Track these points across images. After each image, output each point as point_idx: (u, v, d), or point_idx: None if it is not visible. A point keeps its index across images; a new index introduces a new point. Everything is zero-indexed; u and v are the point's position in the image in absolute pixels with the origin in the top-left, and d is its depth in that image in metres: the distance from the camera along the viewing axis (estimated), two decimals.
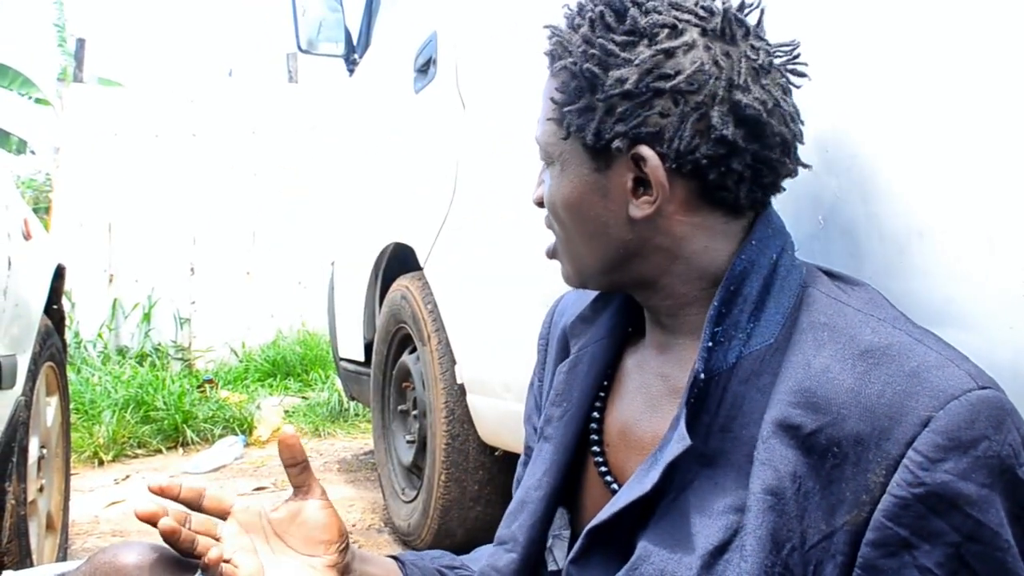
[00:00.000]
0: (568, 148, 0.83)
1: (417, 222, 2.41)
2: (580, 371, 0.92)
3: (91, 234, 6.65)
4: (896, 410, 0.70)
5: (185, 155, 6.91)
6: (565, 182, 0.84)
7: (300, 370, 6.14)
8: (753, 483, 0.73)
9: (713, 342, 0.78)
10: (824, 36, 0.96)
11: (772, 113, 0.79)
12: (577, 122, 0.81)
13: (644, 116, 0.78)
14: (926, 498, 0.68)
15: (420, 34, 2.40)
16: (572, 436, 0.90)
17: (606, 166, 0.81)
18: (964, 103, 0.81)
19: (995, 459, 0.68)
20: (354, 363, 3.20)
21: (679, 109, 0.77)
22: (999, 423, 0.69)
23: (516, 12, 1.83)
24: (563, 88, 0.82)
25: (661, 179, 0.79)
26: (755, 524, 0.72)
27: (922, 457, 0.68)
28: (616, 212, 0.82)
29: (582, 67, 0.79)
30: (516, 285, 1.79)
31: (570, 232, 0.87)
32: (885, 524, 0.69)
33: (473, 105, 2.05)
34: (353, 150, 3.18)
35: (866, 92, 0.91)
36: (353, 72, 3.20)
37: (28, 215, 2.35)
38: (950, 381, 0.69)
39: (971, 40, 0.81)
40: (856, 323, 0.75)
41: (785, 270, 0.80)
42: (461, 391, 2.22)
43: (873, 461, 0.70)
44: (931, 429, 0.68)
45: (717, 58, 0.77)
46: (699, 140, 0.78)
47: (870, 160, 0.91)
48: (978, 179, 0.80)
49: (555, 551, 0.93)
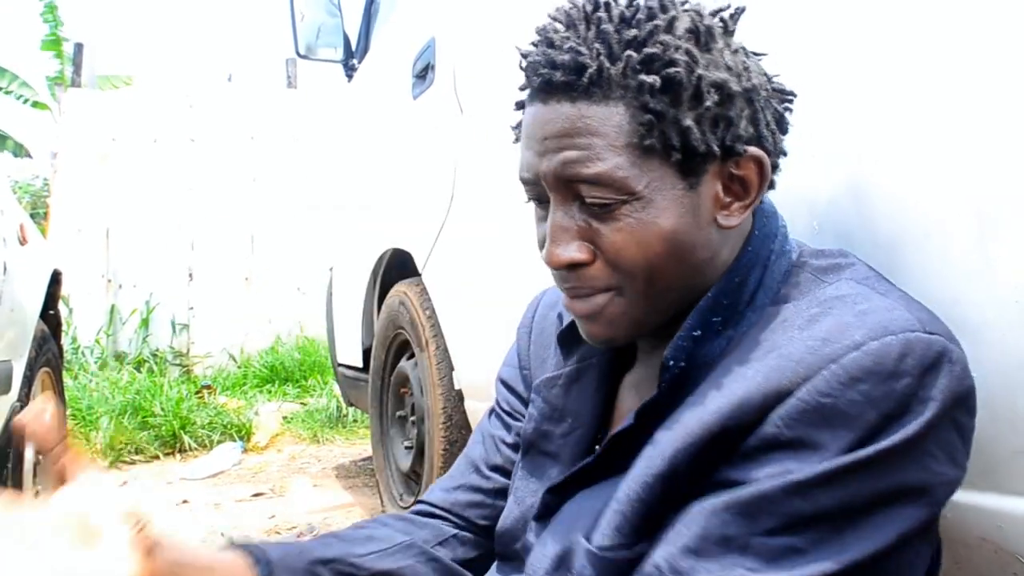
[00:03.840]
0: (655, 174, 0.74)
1: (415, 228, 2.40)
2: (586, 387, 0.91)
3: (89, 239, 6.65)
4: (832, 335, 0.69)
5: (184, 160, 6.91)
6: (657, 214, 0.74)
7: (298, 376, 6.13)
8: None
9: (704, 332, 0.77)
10: (812, 37, 0.96)
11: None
12: (680, 138, 0.73)
13: (741, 116, 0.75)
14: (828, 409, 0.66)
15: (418, 40, 2.40)
16: (579, 454, 0.89)
17: (698, 181, 0.75)
18: (956, 105, 0.81)
19: (911, 397, 0.66)
20: (352, 369, 3.19)
21: (757, 105, 0.76)
22: (931, 365, 0.67)
23: (514, 18, 1.83)
24: (645, 106, 0.72)
25: (762, 179, 0.77)
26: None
27: (844, 372, 0.67)
28: (705, 230, 0.76)
29: (681, 75, 0.72)
30: (514, 291, 1.78)
31: (650, 274, 0.76)
32: (776, 423, 0.68)
33: (471, 111, 2.05)
34: (352, 156, 3.18)
35: (858, 95, 0.91)
36: (352, 77, 3.20)
37: (25, 220, 2.34)
38: (895, 321, 0.69)
39: (964, 41, 0.81)
40: (827, 285, 0.76)
41: (776, 255, 0.80)
42: (459, 397, 2.21)
43: (793, 372, 0.69)
44: (862, 351, 0.67)
45: (738, 51, 0.78)
46: (775, 134, 0.79)
47: (863, 164, 0.90)
48: (971, 181, 0.80)
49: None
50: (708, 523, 0.69)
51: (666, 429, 0.74)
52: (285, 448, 4.56)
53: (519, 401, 1.02)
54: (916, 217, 0.85)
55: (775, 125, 0.79)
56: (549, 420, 0.92)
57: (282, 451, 4.51)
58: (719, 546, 0.68)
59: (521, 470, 0.94)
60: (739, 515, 0.68)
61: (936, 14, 0.84)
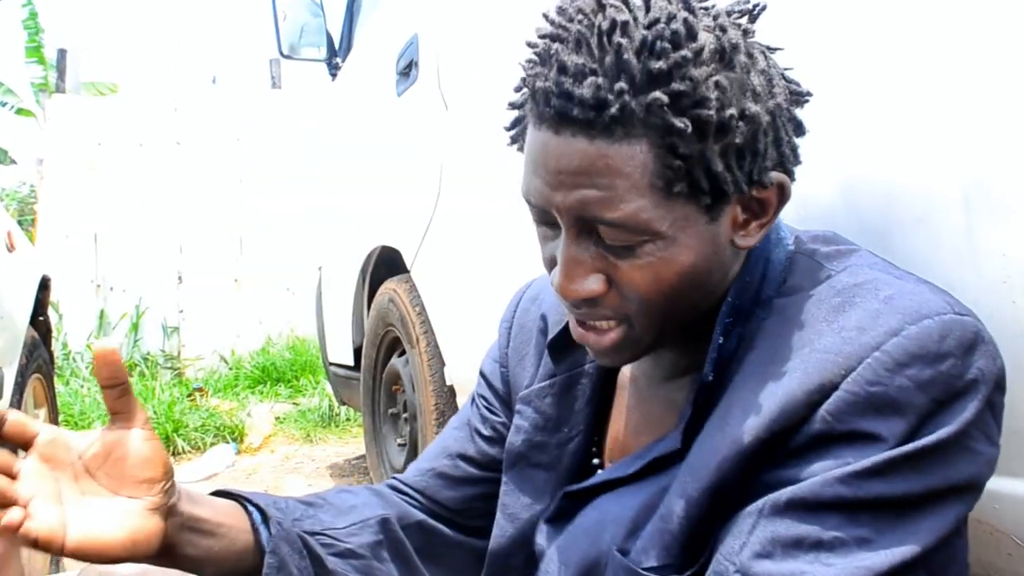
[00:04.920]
0: (679, 213, 0.70)
1: (403, 225, 2.40)
2: (580, 394, 0.90)
3: (77, 245, 6.61)
4: (866, 323, 0.68)
5: (170, 163, 6.88)
6: (679, 252, 0.71)
7: (290, 376, 6.12)
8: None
9: (724, 337, 0.76)
10: (799, 27, 0.96)
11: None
12: (708, 176, 0.69)
13: (768, 142, 0.72)
14: (879, 398, 0.66)
15: (401, 37, 2.39)
16: (576, 465, 0.89)
17: (720, 213, 0.72)
18: (941, 95, 0.82)
19: (958, 379, 0.66)
20: (344, 368, 3.19)
21: (779, 123, 0.73)
22: (971, 346, 0.67)
23: (497, 13, 1.83)
24: (671, 146, 0.67)
25: (782, 199, 0.74)
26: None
27: (889, 359, 0.66)
28: (721, 254, 0.75)
29: (712, 115, 0.67)
30: (503, 286, 1.78)
31: (666, 306, 0.74)
32: (825, 419, 0.67)
33: (456, 106, 2.05)
34: (337, 154, 3.17)
35: (844, 83, 0.91)
36: (336, 76, 3.19)
37: (12, 227, 2.34)
38: (926, 304, 0.68)
39: (952, 31, 0.81)
40: (835, 273, 0.75)
41: (774, 245, 0.79)
42: (451, 393, 2.21)
43: (832, 364, 0.68)
44: (903, 336, 0.66)
45: (755, 57, 0.73)
46: (794, 146, 0.76)
47: (848, 153, 0.91)
48: (956, 170, 0.80)
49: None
50: (773, 524, 0.67)
51: (706, 441, 0.73)
52: (278, 449, 4.56)
53: (495, 397, 1.02)
54: (905, 204, 0.85)
55: (794, 135, 0.76)
56: (543, 431, 0.91)
57: (275, 452, 4.50)
58: (792, 547, 0.66)
59: (508, 485, 0.92)
60: (805, 512, 0.66)
61: (922, 4, 0.85)
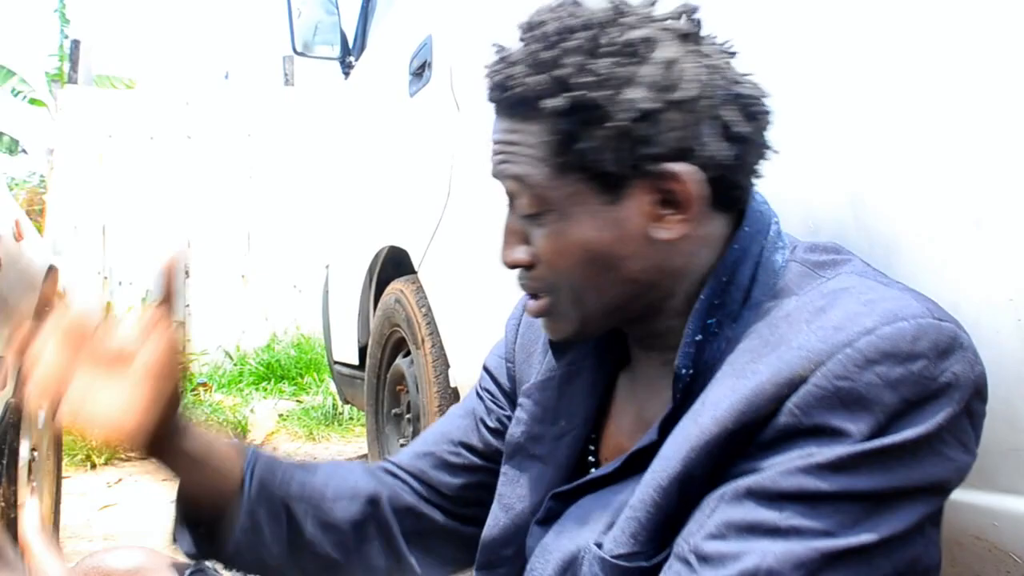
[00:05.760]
0: (571, 189, 0.77)
1: (412, 225, 2.40)
2: (578, 389, 0.91)
3: (85, 236, 6.63)
4: (843, 323, 0.69)
5: (180, 158, 6.90)
6: (574, 227, 0.78)
7: (295, 374, 6.13)
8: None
9: (704, 335, 0.77)
10: (804, 37, 0.96)
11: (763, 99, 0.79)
12: (590, 157, 0.76)
13: (664, 132, 0.75)
14: (846, 393, 0.66)
15: (415, 37, 2.39)
16: (572, 457, 0.90)
17: (619, 196, 0.77)
18: (949, 106, 0.81)
19: (931, 381, 0.66)
20: (348, 366, 3.19)
21: (694, 117, 0.75)
22: (946, 350, 0.67)
23: (511, 16, 1.83)
24: (557, 127, 0.76)
25: (697, 192, 0.76)
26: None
27: (859, 355, 0.66)
28: (632, 243, 0.78)
29: (587, 97, 0.74)
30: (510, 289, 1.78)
31: (577, 282, 0.80)
32: (793, 412, 0.67)
33: (468, 108, 2.05)
34: (348, 153, 3.17)
35: (853, 98, 0.91)
36: (348, 75, 3.20)
37: (20, 216, 2.33)
38: (904, 308, 0.69)
39: (959, 45, 0.81)
40: (826, 280, 0.75)
41: (769, 252, 0.79)
42: (455, 395, 2.21)
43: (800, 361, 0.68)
44: (876, 335, 0.67)
45: (701, 59, 0.76)
46: (720, 144, 0.76)
47: (858, 166, 0.90)
48: (964, 183, 0.80)
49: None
50: (731, 510, 0.68)
51: (678, 432, 0.74)
52: (281, 446, 4.56)
53: (499, 391, 1.03)
54: (913, 220, 0.85)
55: (723, 133, 0.77)
56: (541, 422, 0.91)
57: (278, 449, 4.50)
58: (746, 532, 0.67)
59: (506, 475, 0.93)
60: (765, 500, 0.67)
61: (933, 18, 0.84)
